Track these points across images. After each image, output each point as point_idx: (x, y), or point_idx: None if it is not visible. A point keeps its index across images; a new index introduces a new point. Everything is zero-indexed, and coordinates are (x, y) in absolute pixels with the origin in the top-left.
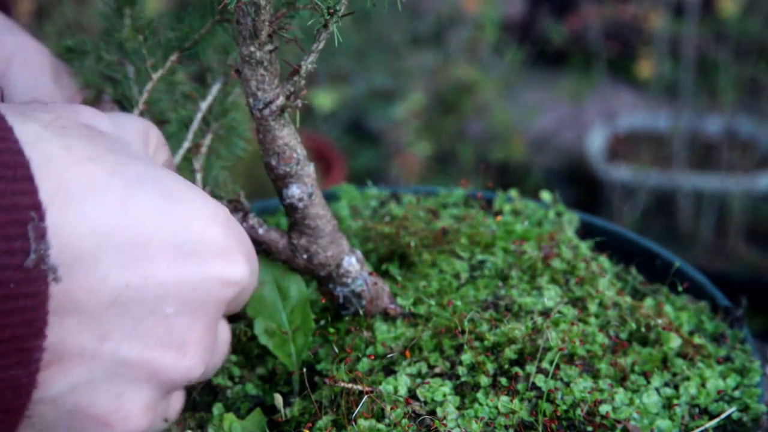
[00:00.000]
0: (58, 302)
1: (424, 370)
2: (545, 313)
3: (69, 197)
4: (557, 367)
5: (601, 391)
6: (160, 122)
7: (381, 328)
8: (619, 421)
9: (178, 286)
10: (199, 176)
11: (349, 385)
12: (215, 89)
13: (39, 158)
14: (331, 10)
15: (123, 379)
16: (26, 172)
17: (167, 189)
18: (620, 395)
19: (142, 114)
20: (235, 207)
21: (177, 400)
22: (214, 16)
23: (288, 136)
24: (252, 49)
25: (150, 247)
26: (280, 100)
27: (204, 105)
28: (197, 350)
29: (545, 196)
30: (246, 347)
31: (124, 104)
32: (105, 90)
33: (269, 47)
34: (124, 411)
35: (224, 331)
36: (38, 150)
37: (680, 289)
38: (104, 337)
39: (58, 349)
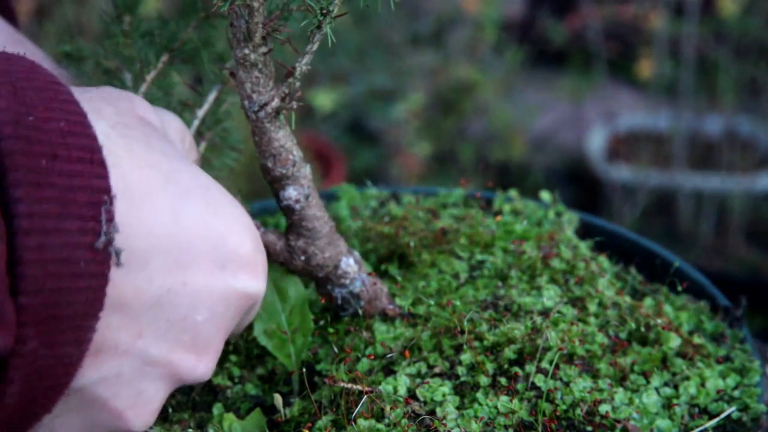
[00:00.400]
0: (110, 293)
1: (424, 370)
2: (545, 312)
3: (130, 198)
4: (557, 366)
5: (601, 390)
6: None
7: (380, 328)
8: (618, 421)
9: (210, 295)
10: None
11: (349, 385)
12: (211, 97)
13: (108, 157)
14: (324, 11)
15: (146, 377)
16: (101, 157)
17: (212, 200)
18: (620, 395)
19: None
20: None
21: None
22: (198, 13)
23: (284, 138)
24: (246, 51)
25: (192, 255)
26: (276, 102)
27: (200, 112)
28: (214, 357)
29: (545, 196)
30: (246, 347)
31: None
32: None
33: (263, 49)
34: (141, 407)
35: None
36: (107, 149)
37: (680, 288)
38: (139, 335)
39: (98, 340)
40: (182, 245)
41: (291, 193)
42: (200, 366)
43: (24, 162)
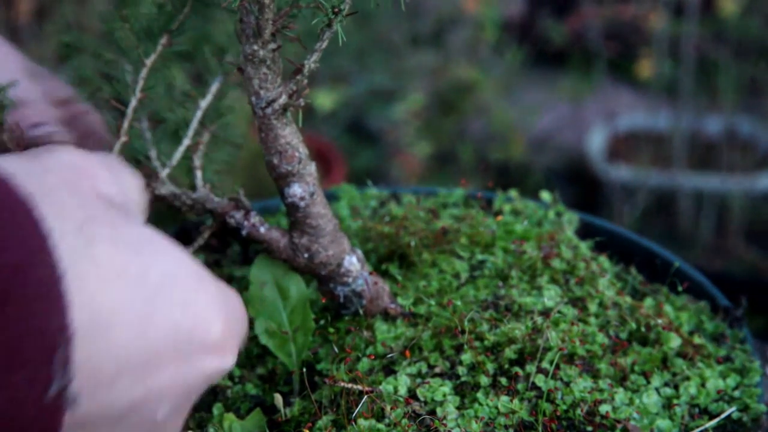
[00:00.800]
0: (67, 425)
1: (424, 369)
2: (545, 313)
3: (97, 326)
4: (557, 367)
5: (601, 391)
6: (157, 122)
7: (381, 327)
8: (619, 421)
9: (174, 391)
10: (199, 173)
11: (349, 385)
12: (214, 88)
13: (73, 278)
14: (336, 9)
15: None
16: (61, 289)
17: (181, 292)
18: (620, 395)
19: (140, 102)
20: (236, 205)
21: None
22: None
23: (290, 135)
24: (255, 47)
25: (158, 361)
26: (283, 99)
27: (204, 104)
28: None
29: (545, 196)
30: (246, 347)
31: (121, 101)
32: (102, 88)
33: (272, 46)
34: None
35: None
36: (72, 271)
37: (680, 289)
38: None
39: None
40: (150, 355)
41: (296, 190)
42: None
43: None
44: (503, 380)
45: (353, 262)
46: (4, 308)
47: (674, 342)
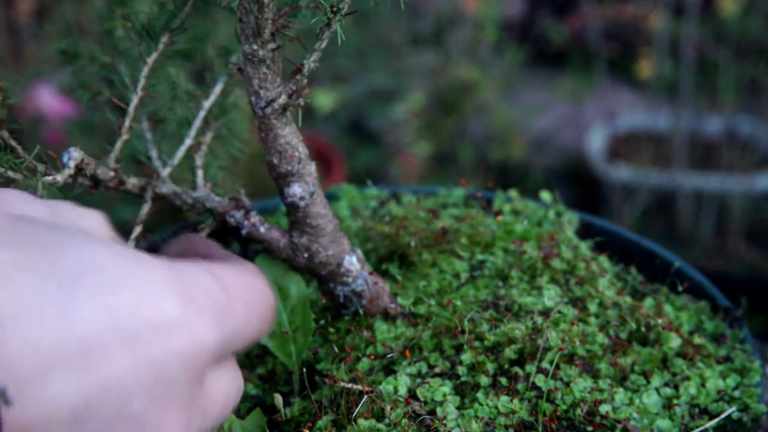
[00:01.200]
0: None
1: (424, 370)
2: (545, 313)
3: (2, 324)
4: (557, 367)
5: (601, 391)
6: (158, 121)
7: (381, 327)
8: (619, 421)
9: (140, 379)
10: (200, 173)
11: (349, 385)
12: (218, 88)
13: None
14: (335, 9)
15: None
16: None
17: (109, 277)
18: (620, 395)
19: (141, 101)
20: (236, 204)
21: None
22: None
23: (290, 135)
24: (255, 47)
25: (102, 350)
26: (283, 99)
27: (207, 104)
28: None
29: (545, 196)
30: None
31: (122, 100)
32: (101, 91)
33: (272, 45)
34: None
35: (219, 389)
36: None
37: (680, 289)
38: None
39: None
40: (85, 346)
41: (296, 190)
42: None
43: None
44: (503, 380)
45: (353, 262)
46: None
47: (674, 342)
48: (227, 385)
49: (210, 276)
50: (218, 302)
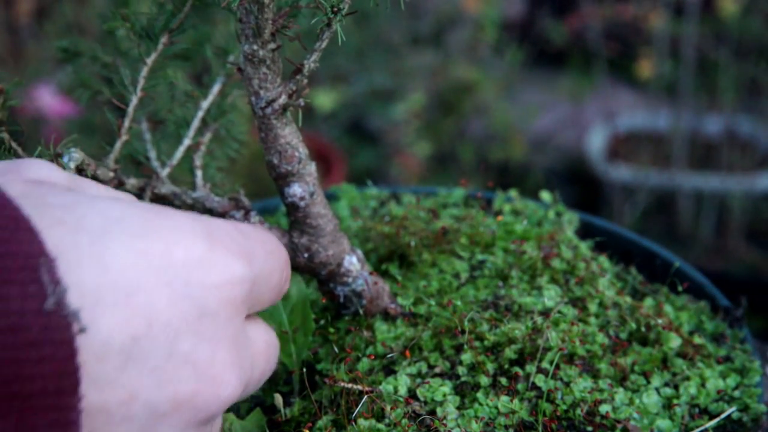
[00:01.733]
0: (92, 348)
1: (424, 370)
2: (545, 313)
3: (79, 250)
4: (557, 367)
5: (601, 391)
6: (157, 122)
7: (381, 327)
8: (619, 421)
9: (184, 318)
10: (199, 173)
11: (349, 385)
12: (216, 89)
13: (35, 214)
14: (335, 9)
15: (165, 430)
16: (28, 224)
17: (136, 227)
18: (620, 395)
19: (141, 101)
20: (236, 205)
21: (218, 422)
22: None
23: (290, 135)
24: (255, 47)
25: (142, 292)
26: (283, 99)
27: (205, 104)
28: (231, 371)
29: (545, 196)
30: None
31: (121, 101)
32: (101, 90)
33: (272, 46)
34: None
35: (259, 336)
36: (33, 210)
37: (680, 289)
38: (131, 398)
39: (87, 422)
40: (123, 285)
41: (296, 190)
42: (220, 391)
43: None
44: (503, 380)
45: (353, 262)
46: None
47: (674, 342)
48: (266, 336)
49: (231, 225)
50: (242, 245)
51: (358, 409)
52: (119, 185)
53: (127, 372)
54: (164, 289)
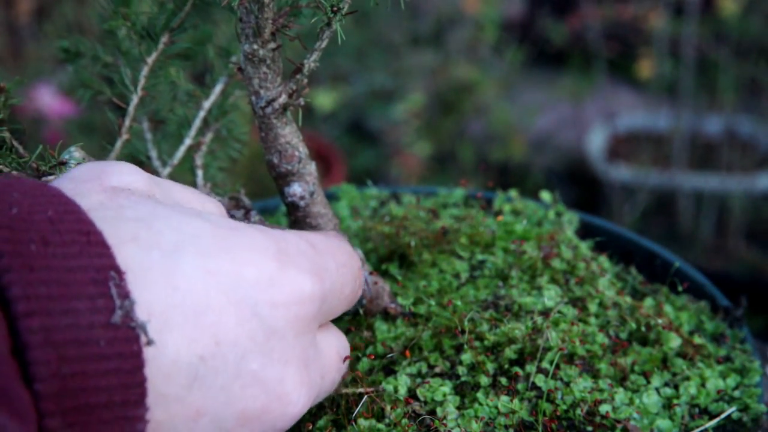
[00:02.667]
0: (161, 364)
1: (424, 369)
2: (545, 313)
3: (148, 268)
4: (557, 367)
5: (601, 391)
6: (158, 122)
7: (381, 327)
8: (619, 421)
9: (252, 338)
10: (200, 173)
11: (349, 385)
12: (217, 89)
13: (107, 228)
14: (335, 9)
15: None
16: (100, 238)
17: (209, 245)
18: (620, 395)
19: (141, 101)
20: (236, 204)
21: None
22: None
23: (290, 135)
24: (255, 47)
25: (211, 312)
26: (283, 98)
27: (207, 104)
28: (299, 390)
29: (545, 196)
30: None
31: (122, 100)
32: (102, 91)
33: (272, 45)
34: None
35: (330, 346)
36: (105, 224)
37: (680, 289)
38: (198, 414)
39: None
40: (194, 308)
41: (296, 189)
42: (289, 408)
43: (9, 248)
44: (503, 380)
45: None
46: (47, 249)
47: (674, 342)
48: (337, 344)
49: (302, 239)
50: (313, 260)
51: (358, 409)
52: None
53: (195, 390)
54: (233, 309)
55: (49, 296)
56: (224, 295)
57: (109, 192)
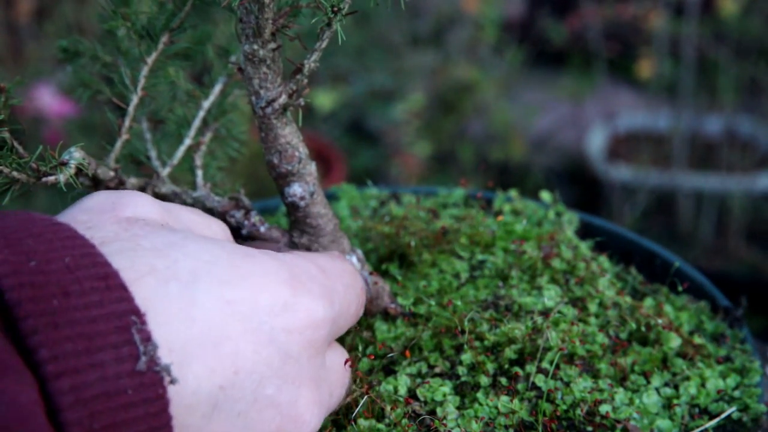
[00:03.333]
0: (184, 401)
1: (424, 370)
2: (545, 313)
3: (167, 307)
4: (557, 367)
5: (601, 391)
6: (157, 122)
7: (381, 327)
8: (619, 421)
9: (268, 364)
10: (200, 172)
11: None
12: (217, 89)
13: (126, 271)
14: (335, 9)
15: None
16: (118, 281)
17: (225, 273)
18: (620, 395)
19: (141, 100)
20: (236, 204)
21: None
22: None
23: (290, 135)
24: (255, 47)
25: (229, 341)
26: (283, 99)
27: (206, 104)
28: (312, 409)
29: (545, 196)
30: None
31: (122, 100)
32: (101, 90)
33: (272, 45)
34: None
35: (336, 363)
36: (123, 264)
37: (680, 289)
38: None
39: None
40: (212, 339)
41: (296, 189)
42: (303, 428)
43: (33, 308)
44: (503, 380)
45: (353, 262)
46: (68, 301)
47: (674, 342)
48: (340, 360)
49: (312, 263)
50: (323, 284)
51: (358, 409)
52: (120, 184)
53: (214, 418)
54: (249, 337)
55: (76, 352)
56: (241, 324)
57: (123, 223)
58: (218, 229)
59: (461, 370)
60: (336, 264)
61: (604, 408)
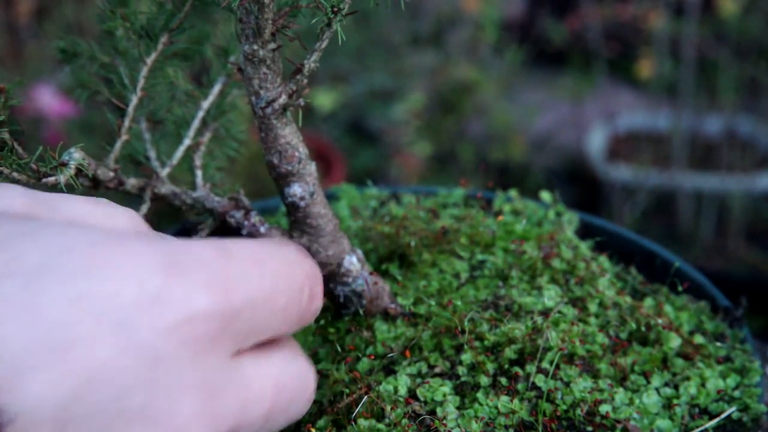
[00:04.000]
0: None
1: (424, 369)
2: (545, 313)
3: None
4: (557, 367)
5: (601, 391)
6: (157, 122)
7: (381, 327)
8: (619, 421)
9: (134, 368)
10: (199, 173)
11: (349, 385)
12: (216, 89)
13: None
14: (335, 9)
15: None
16: None
17: (81, 263)
18: (620, 395)
19: (140, 101)
20: (236, 204)
21: None
22: None
23: (290, 135)
24: (255, 47)
25: (79, 345)
26: (283, 99)
27: (205, 104)
28: (199, 422)
29: (545, 196)
30: None
31: (121, 100)
32: (100, 91)
33: (272, 45)
34: None
35: (263, 373)
36: None
37: (680, 289)
38: None
39: None
40: (58, 339)
41: (296, 190)
42: None
43: None
44: (503, 380)
45: (353, 262)
46: None
47: (674, 342)
48: (279, 372)
49: (212, 248)
50: (217, 271)
51: (358, 409)
52: (119, 185)
53: None
54: (107, 338)
55: None
56: (97, 323)
57: None
58: (123, 219)
59: (461, 370)
60: (260, 248)
61: (604, 408)
